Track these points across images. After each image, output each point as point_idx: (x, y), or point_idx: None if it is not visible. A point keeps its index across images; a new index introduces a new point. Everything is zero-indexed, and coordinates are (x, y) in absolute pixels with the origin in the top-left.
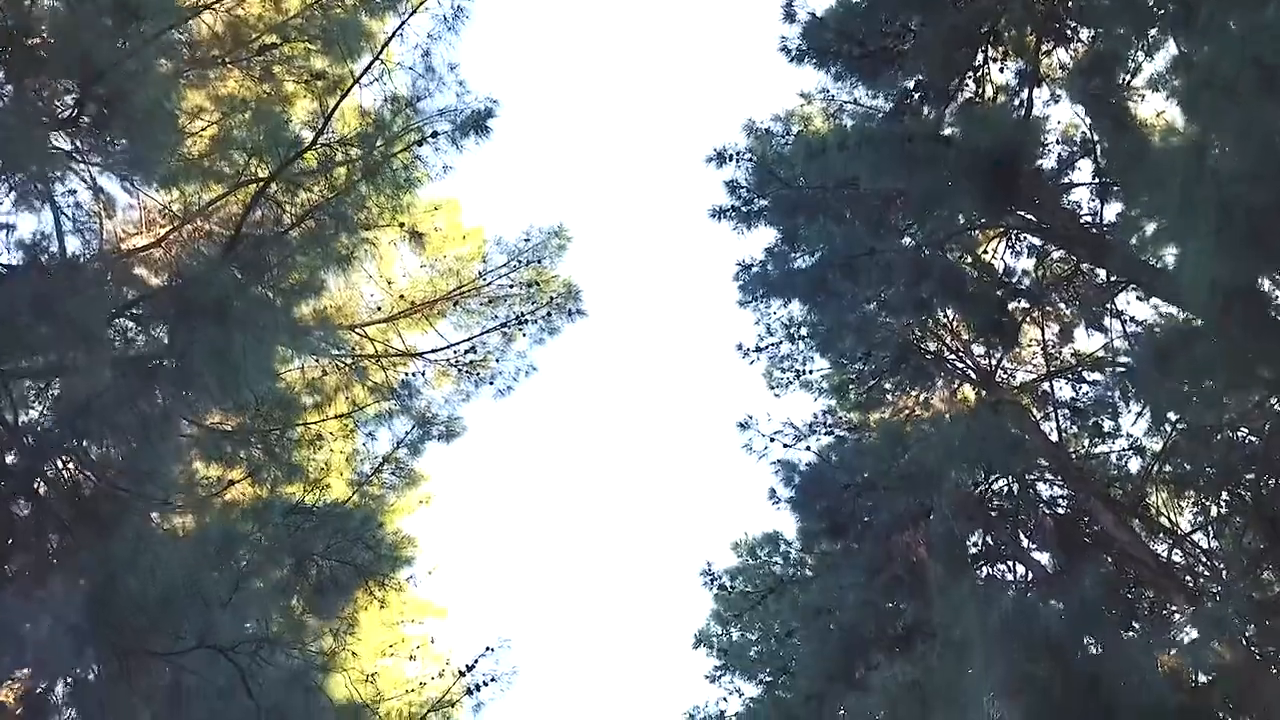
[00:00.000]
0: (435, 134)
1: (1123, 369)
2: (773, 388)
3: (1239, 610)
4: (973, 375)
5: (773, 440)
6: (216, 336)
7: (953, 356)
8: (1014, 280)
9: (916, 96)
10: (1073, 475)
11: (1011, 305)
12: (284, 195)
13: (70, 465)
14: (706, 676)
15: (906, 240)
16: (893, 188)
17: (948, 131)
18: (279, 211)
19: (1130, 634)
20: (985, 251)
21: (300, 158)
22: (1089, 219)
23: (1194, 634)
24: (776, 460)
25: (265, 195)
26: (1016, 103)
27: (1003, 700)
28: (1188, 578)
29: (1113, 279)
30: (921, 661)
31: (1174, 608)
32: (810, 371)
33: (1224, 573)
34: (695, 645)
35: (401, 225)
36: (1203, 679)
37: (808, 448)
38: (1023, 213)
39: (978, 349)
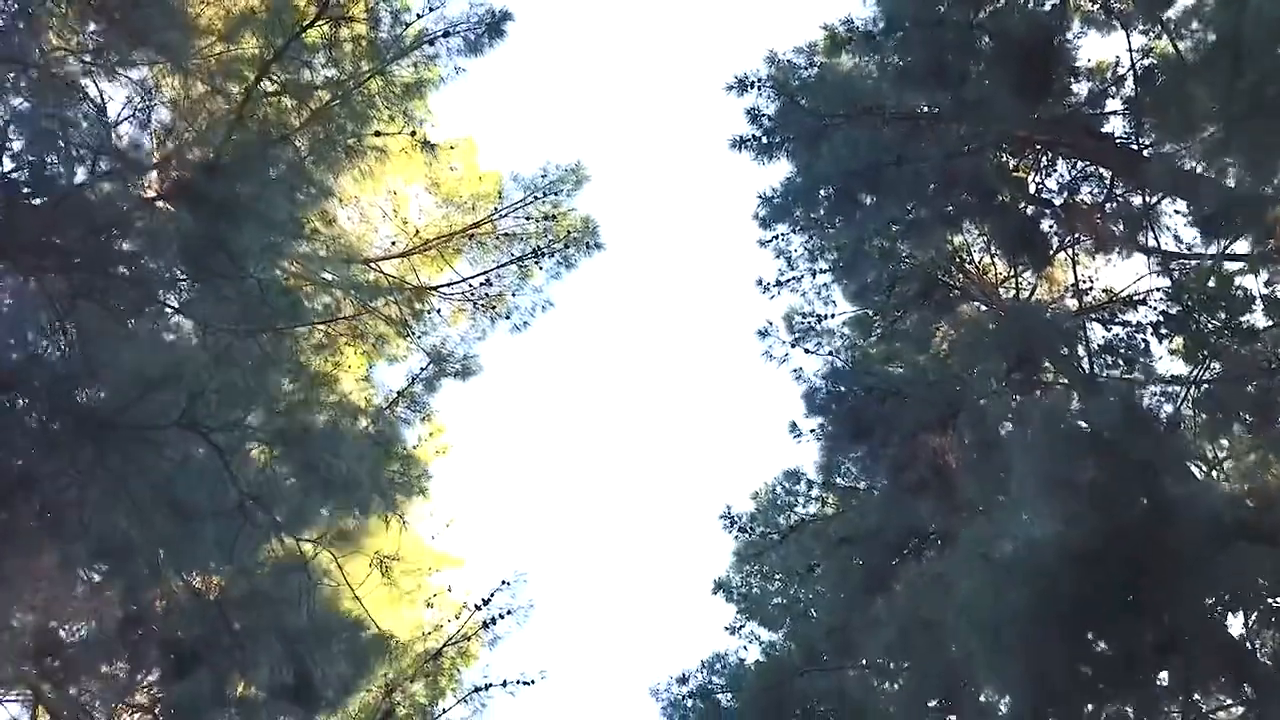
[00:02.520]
0: (447, 33)
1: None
2: (793, 331)
3: None
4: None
5: (794, 347)
6: (221, 218)
7: (978, 292)
8: (1045, 195)
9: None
10: None
11: (1043, 225)
12: (289, 77)
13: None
14: (727, 628)
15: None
16: (919, 106)
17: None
18: (285, 108)
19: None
20: (1016, 171)
21: (304, 33)
22: (1123, 139)
23: None
24: (797, 368)
25: (270, 79)
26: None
27: (1040, 504)
28: None
29: (1150, 198)
30: (947, 559)
31: None
32: (831, 316)
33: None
34: (714, 591)
35: (413, 135)
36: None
37: (830, 353)
38: (1052, 102)
39: (1005, 289)
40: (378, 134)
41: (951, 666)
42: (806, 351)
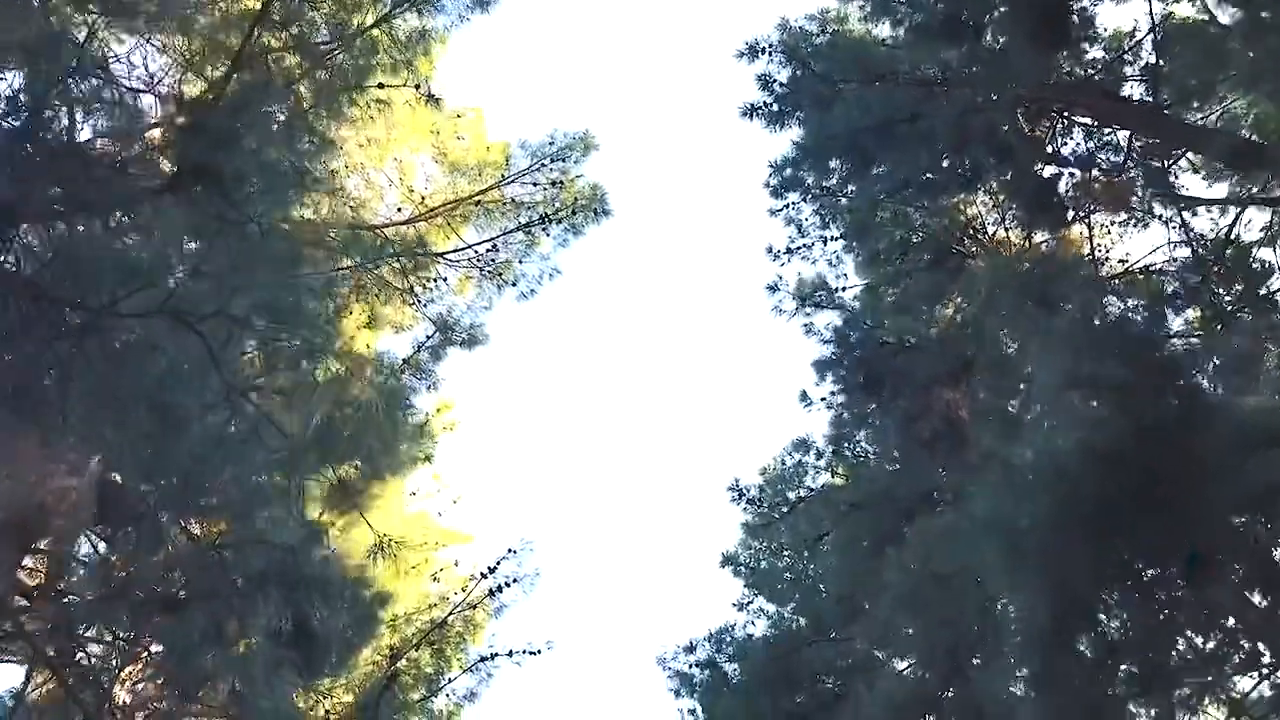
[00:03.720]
0: None
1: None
2: (803, 301)
3: None
4: None
5: (804, 301)
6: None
7: None
8: (1062, 155)
9: None
10: None
11: (1060, 187)
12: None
13: None
14: (735, 604)
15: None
16: (933, 71)
17: None
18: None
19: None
20: (1033, 132)
21: None
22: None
23: None
24: (808, 323)
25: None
26: None
27: (1062, 406)
28: None
29: (1172, 152)
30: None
31: None
32: (843, 289)
33: None
34: (723, 565)
35: (417, 88)
36: None
37: (840, 307)
38: (1069, 58)
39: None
40: (381, 85)
41: (964, 616)
42: (817, 305)
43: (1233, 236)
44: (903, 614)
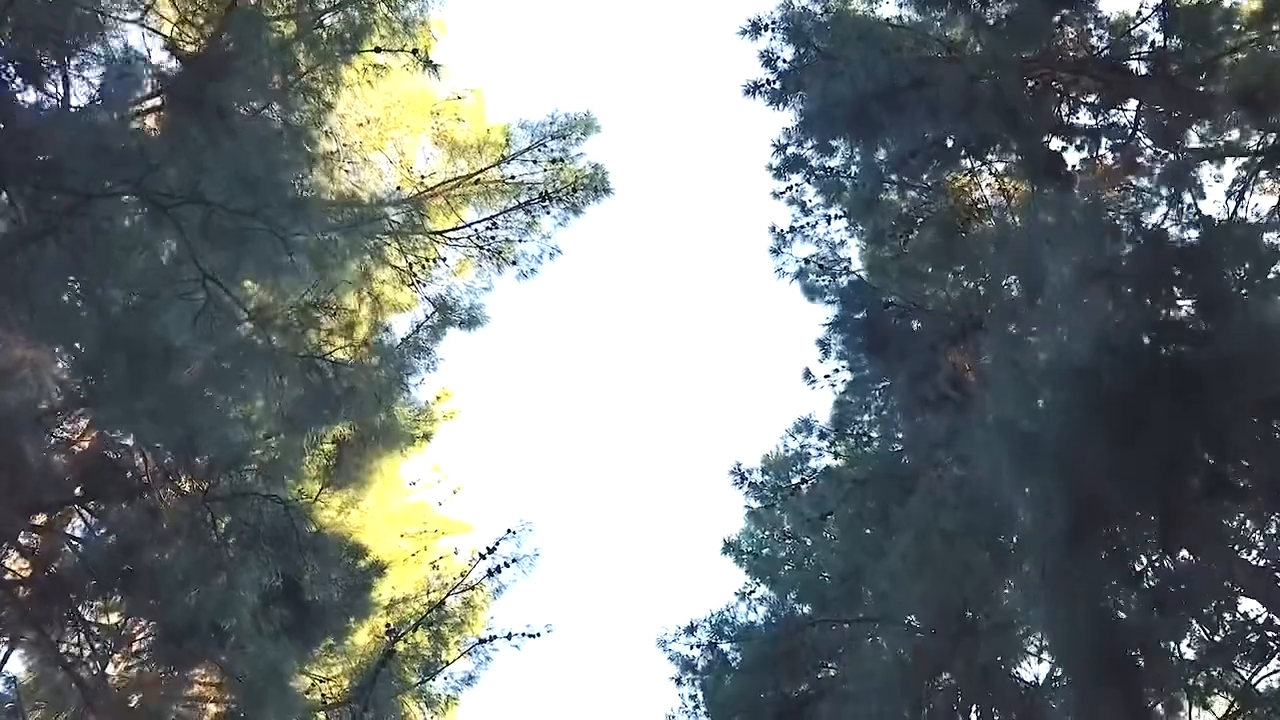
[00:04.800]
0: None
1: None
2: (806, 291)
3: None
4: None
5: (807, 263)
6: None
7: None
8: (1071, 124)
9: None
10: None
11: (1069, 158)
12: None
13: None
14: (737, 593)
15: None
16: (937, 44)
17: None
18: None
19: None
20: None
21: None
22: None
23: None
24: (809, 283)
25: None
26: None
27: (1078, 298)
28: None
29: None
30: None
31: None
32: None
33: None
34: (724, 552)
35: (415, 53)
36: None
37: (845, 269)
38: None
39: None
40: (378, 49)
41: (970, 570)
42: (821, 268)
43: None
44: (910, 573)
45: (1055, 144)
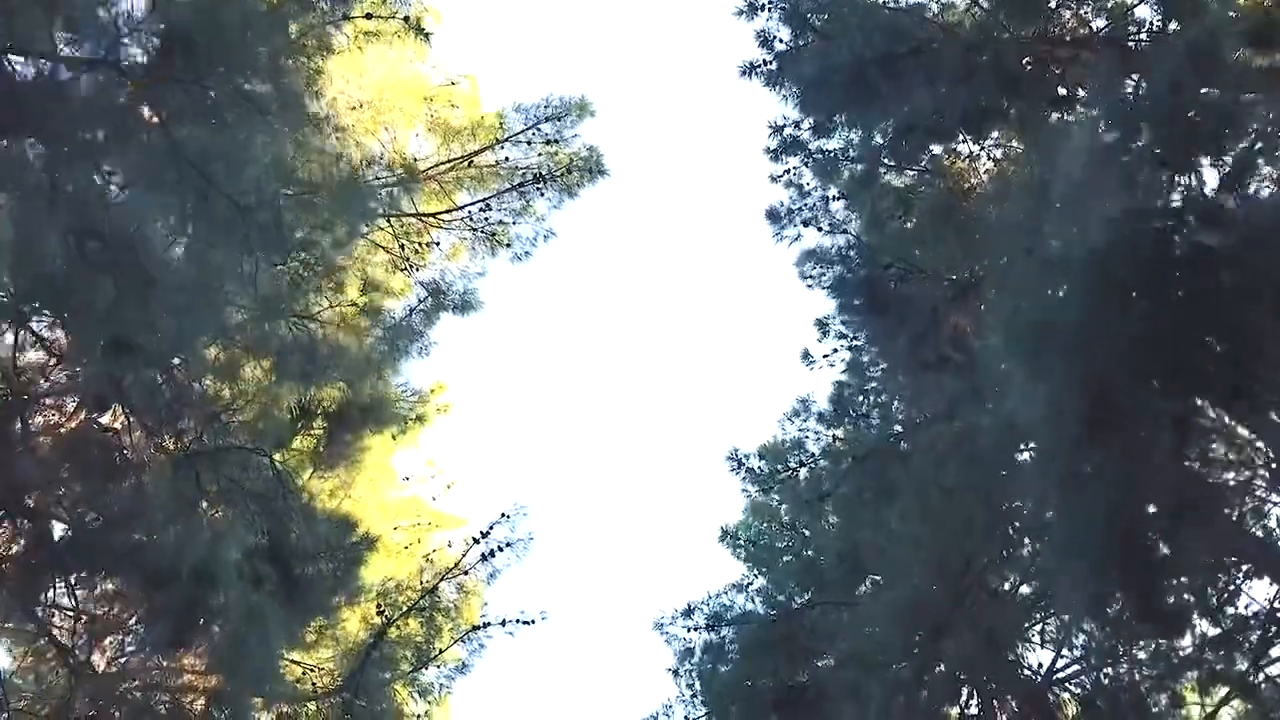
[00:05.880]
0: None
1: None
2: (804, 278)
3: None
4: None
5: (806, 227)
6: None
7: None
8: (1071, 96)
9: None
10: None
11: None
12: None
13: None
14: (734, 585)
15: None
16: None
17: None
18: None
19: None
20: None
21: None
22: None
23: None
24: (807, 250)
25: None
26: None
27: (1093, 184)
28: None
29: None
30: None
31: None
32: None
33: None
34: (720, 540)
35: (406, 20)
36: None
37: (844, 232)
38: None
39: None
40: (369, 16)
41: (971, 527)
42: (820, 231)
43: None
44: (910, 529)
45: (1054, 117)
